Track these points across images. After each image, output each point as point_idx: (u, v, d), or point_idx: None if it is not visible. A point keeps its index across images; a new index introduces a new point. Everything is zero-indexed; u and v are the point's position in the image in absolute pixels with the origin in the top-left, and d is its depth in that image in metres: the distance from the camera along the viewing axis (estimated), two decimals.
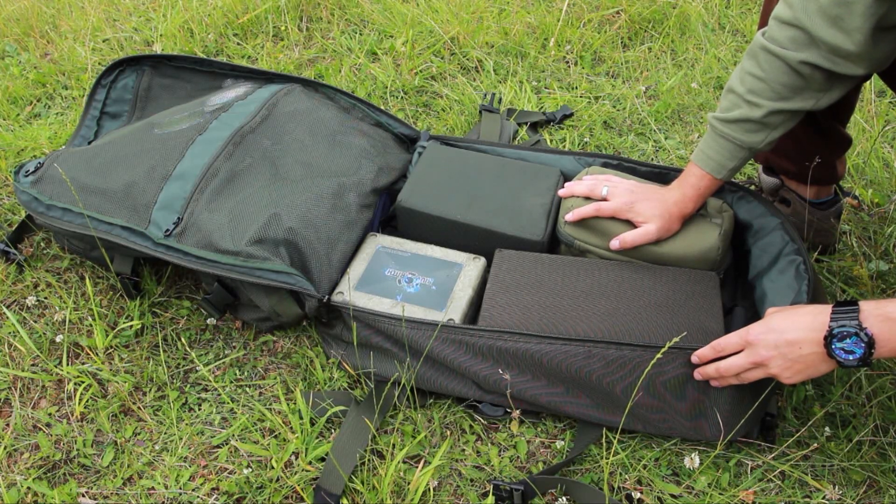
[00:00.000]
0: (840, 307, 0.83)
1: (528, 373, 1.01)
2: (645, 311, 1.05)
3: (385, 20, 1.88)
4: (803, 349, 0.84)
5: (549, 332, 1.03)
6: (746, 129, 1.01)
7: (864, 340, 0.80)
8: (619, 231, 1.12)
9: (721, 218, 1.13)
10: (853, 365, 0.81)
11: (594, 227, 1.14)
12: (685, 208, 1.09)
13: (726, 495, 0.97)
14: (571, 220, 1.13)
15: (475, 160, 1.29)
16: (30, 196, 1.19)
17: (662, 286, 1.08)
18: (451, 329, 1.02)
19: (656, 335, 1.01)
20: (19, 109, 1.65)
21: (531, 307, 1.06)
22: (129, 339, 1.18)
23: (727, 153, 1.04)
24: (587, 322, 1.04)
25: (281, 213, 1.11)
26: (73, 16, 1.92)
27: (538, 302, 1.07)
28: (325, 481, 0.97)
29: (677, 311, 1.04)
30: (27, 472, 1.01)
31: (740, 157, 1.04)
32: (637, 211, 1.10)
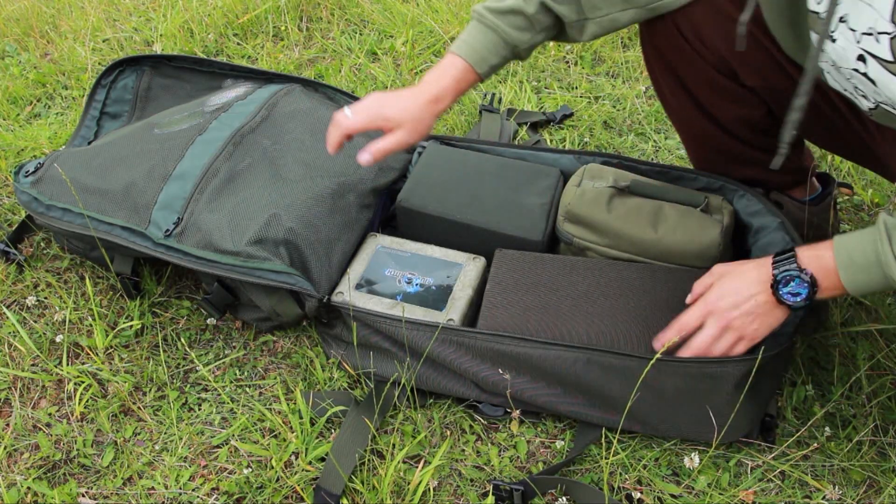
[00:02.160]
0: (779, 255, 0.90)
1: (528, 374, 1.01)
2: (646, 312, 1.05)
3: (385, 20, 1.88)
4: (758, 299, 0.91)
5: (549, 332, 1.03)
6: (516, 23, 1.00)
7: (807, 281, 0.87)
8: (616, 229, 1.12)
9: (722, 214, 1.14)
10: (802, 306, 0.88)
11: (593, 224, 1.14)
12: (442, 104, 1.02)
13: (726, 495, 0.97)
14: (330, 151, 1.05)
15: (475, 160, 1.29)
16: (30, 196, 1.19)
17: (663, 285, 1.08)
18: (450, 331, 1.02)
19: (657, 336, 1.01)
20: (19, 109, 1.65)
21: (531, 307, 1.06)
22: (129, 339, 1.18)
23: (492, 46, 1.01)
24: (587, 323, 1.04)
25: (281, 214, 1.11)
26: (73, 16, 1.92)
27: (538, 302, 1.07)
28: (325, 481, 0.97)
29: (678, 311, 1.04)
30: (27, 472, 1.01)
31: (502, 56, 1.02)
32: (387, 117, 1.01)
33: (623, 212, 1.14)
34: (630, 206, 1.15)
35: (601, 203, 1.14)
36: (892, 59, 0.76)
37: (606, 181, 1.18)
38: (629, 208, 1.15)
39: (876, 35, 0.75)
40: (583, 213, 1.14)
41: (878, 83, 0.80)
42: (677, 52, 1.05)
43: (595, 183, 1.17)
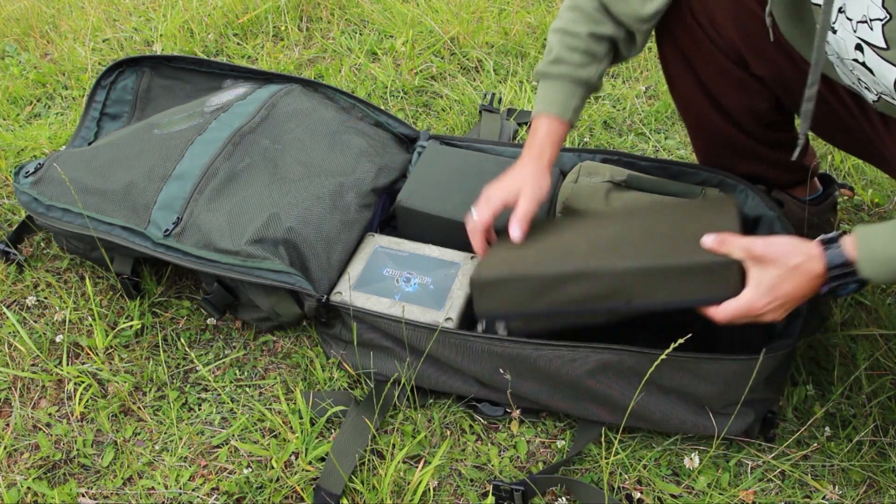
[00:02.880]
0: (835, 269, 0.83)
1: (527, 373, 1.01)
2: (655, 239, 0.96)
3: (385, 20, 1.88)
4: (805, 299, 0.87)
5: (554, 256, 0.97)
6: (576, 61, 1.02)
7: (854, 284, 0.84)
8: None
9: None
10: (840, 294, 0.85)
11: None
12: (546, 156, 1.05)
13: (726, 495, 0.97)
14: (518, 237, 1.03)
15: (475, 160, 1.29)
16: (30, 197, 1.19)
17: (673, 216, 1.03)
18: (448, 333, 1.01)
19: (668, 255, 0.92)
20: (19, 109, 1.65)
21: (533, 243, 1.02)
22: (129, 339, 1.18)
23: (567, 91, 1.04)
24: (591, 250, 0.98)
25: (280, 213, 1.11)
26: (73, 16, 1.92)
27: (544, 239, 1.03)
28: (325, 481, 0.97)
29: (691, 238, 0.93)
30: (27, 472, 1.02)
31: (580, 96, 1.05)
32: (505, 195, 1.03)
33: (620, 206, 1.14)
34: (627, 200, 1.15)
35: (598, 197, 1.15)
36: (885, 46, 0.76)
37: (603, 176, 1.18)
38: (626, 202, 1.15)
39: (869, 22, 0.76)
40: (580, 207, 1.15)
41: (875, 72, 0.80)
42: (690, 38, 1.05)
43: (591, 178, 1.19)
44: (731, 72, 1.05)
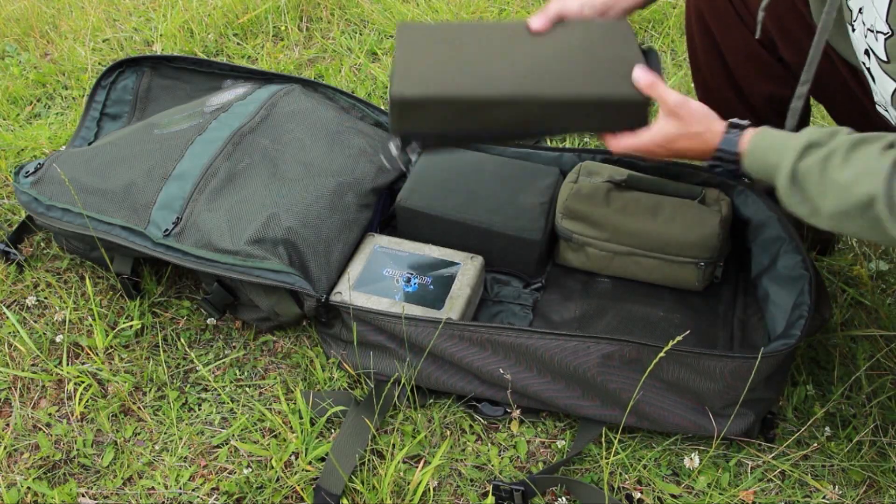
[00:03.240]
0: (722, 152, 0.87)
1: (529, 367, 1.01)
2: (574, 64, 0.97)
3: (385, 20, 1.88)
4: (690, 157, 0.93)
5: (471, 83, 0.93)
6: None
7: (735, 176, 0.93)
8: (615, 222, 1.14)
9: (719, 205, 1.15)
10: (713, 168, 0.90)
11: (592, 219, 1.15)
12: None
13: (726, 495, 0.97)
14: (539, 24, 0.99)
15: (474, 160, 1.29)
16: (29, 197, 1.19)
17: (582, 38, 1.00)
18: (450, 326, 1.02)
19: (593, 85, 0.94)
20: (19, 109, 1.65)
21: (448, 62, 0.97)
22: (129, 339, 1.18)
23: None
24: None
25: (280, 213, 1.11)
26: (73, 16, 1.92)
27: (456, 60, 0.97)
28: (325, 481, 0.97)
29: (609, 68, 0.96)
30: (27, 472, 1.02)
31: None
32: None
33: (621, 205, 1.15)
34: (628, 200, 1.15)
35: (599, 198, 1.15)
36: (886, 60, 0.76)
37: (603, 176, 1.19)
38: (627, 202, 1.15)
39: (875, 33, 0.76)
40: (581, 208, 1.15)
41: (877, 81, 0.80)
42: (719, 16, 1.04)
43: (592, 178, 1.19)
44: (759, 55, 1.04)
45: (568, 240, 1.18)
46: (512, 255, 1.20)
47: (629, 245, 1.15)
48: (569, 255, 1.22)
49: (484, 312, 1.18)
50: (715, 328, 1.13)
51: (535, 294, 1.20)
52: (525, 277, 1.22)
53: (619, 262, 1.18)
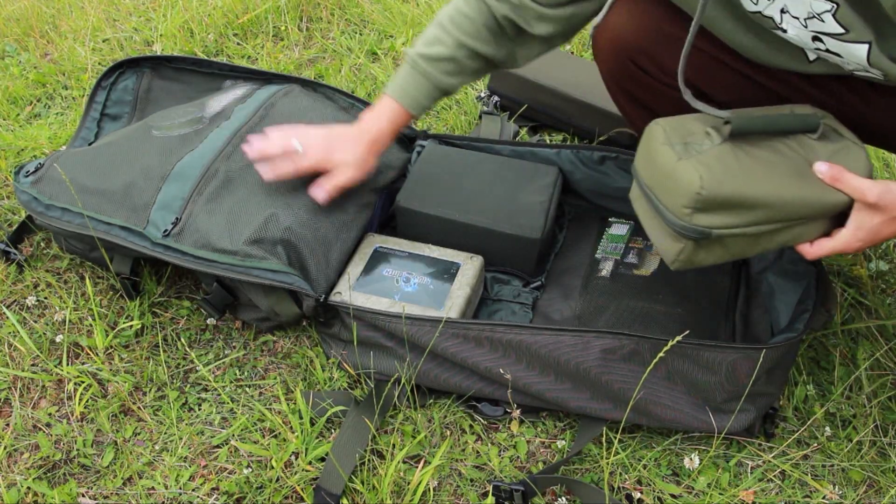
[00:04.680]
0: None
1: (530, 365, 1.01)
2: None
3: (385, 20, 1.88)
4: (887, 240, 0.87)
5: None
6: (447, 70, 1.07)
7: None
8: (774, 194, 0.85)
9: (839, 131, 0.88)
10: None
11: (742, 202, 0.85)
12: (380, 145, 1.12)
13: (726, 495, 0.97)
14: (270, 178, 1.11)
15: (473, 159, 1.29)
16: (29, 196, 1.19)
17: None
18: (450, 324, 1.02)
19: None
20: (19, 109, 1.65)
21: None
22: (129, 339, 1.18)
23: (425, 91, 1.08)
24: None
25: (279, 213, 1.11)
26: (73, 16, 1.92)
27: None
28: (325, 481, 0.97)
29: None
30: (27, 472, 1.02)
31: (434, 98, 1.09)
32: (334, 161, 1.10)
33: (762, 170, 0.84)
34: (761, 159, 0.85)
35: (736, 168, 0.84)
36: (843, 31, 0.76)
37: (710, 135, 0.87)
38: (764, 162, 0.85)
39: (818, 16, 0.76)
40: (726, 191, 0.83)
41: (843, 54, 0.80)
42: (642, 87, 1.06)
43: (702, 144, 0.86)
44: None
45: (704, 238, 0.86)
46: (511, 255, 1.20)
47: (787, 219, 0.86)
48: (699, 255, 0.89)
49: (483, 311, 1.18)
50: (716, 322, 1.13)
51: (535, 293, 1.20)
52: (525, 276, 1.22)
53: (767, 239, 0.89)
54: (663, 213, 0.88)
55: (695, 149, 0.85)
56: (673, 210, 0.86)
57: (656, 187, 0.89)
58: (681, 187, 0.84)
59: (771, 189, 0.83)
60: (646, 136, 0.91)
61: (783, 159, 0.85)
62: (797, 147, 0.86)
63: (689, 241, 0.87)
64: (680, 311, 1.14)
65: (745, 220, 0.85)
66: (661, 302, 1.15)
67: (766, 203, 0.84)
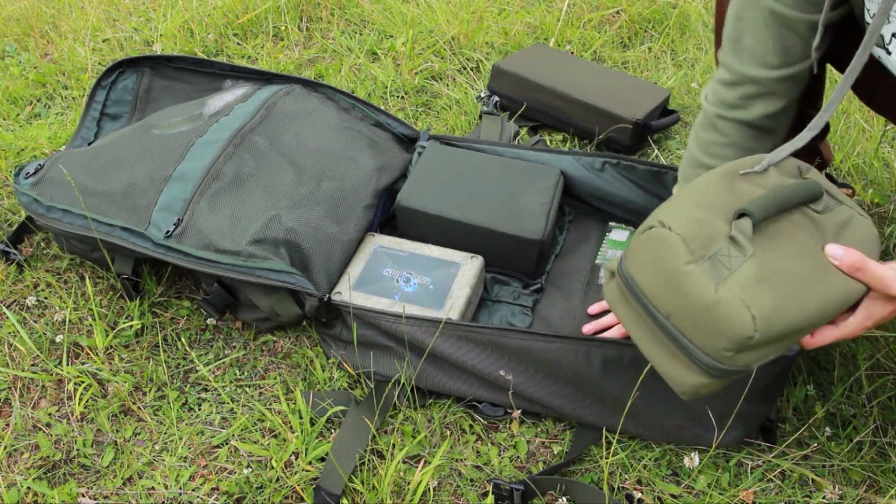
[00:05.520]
0: None
1: (530, 370, 1.01)
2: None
3: (385, 20, 1.88)
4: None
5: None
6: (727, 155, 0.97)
7: None
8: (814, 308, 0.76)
9: (838, 200, 0.80)
10: None
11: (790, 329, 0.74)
12: None
13: (726, 495, 0.97)
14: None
15: (475, 160, 1.29)
16: (30, 198, 1.19)
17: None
18: (451, 326, 1.02)
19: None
20: (19, 109, 1.65)
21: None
22: (129, 339, 1.18)
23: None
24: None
25: (281, 214, 1.11)
26: (73, 16, 1.92)
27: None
28: (325, 481, 0.97)
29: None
30: (27, 472, 1.02)
31: None
32: None
33: (795, 282, 0.71)
34: (786, 265, 0.72)
35: (780, 293, 0.70)
36: None
37: (736, 243, 0.72)
38: (791, 269, 0.72)
39: None
40: (780, 329, 0.70)
41: None
42: None
43: (729, 258, 0.71)
44: None
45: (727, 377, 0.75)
46: (512, 255, 1.20)
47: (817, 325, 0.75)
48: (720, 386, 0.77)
49: (483, 313, 1.18)
50: None
51: (535, 295, 1.20)
52: (524, 278, 1.22)
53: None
54: (688, 349, 0.73)
55: (723, 266, 0.70)
56: (708, 350, 0.72)
57: (680, 318, 0.73)
58: (725, 329, 0.69)
59: (811, 309, 0.71)
60: (655, 244, 0.73)
61: (804, 255, 0.73)
62: (808, 226, 0.75)
63: (716, 380, 0.74)
64: None
65: (784, 345, 0.73)
66: None
67: (810, 325, 0.72)
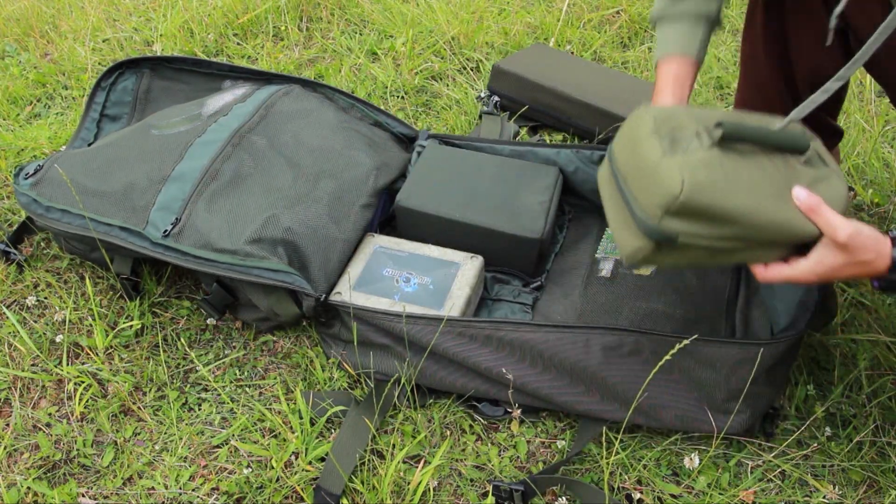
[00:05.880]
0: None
1: (531, 363, 1.01)
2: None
3: (385, 20, 1.88)
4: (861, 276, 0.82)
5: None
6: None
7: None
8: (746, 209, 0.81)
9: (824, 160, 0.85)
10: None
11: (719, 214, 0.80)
12: (672, 100, 1.00)
13: (726, 495, 0.97)
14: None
15: (474, 159, 1.29)
16: (29, 198, 1.19)
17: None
18: (451, 322, 1.02)
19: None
20: (19, 109, 1.65)
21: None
22: (129, 339, 1.18)
23: (687, 29, 0.98)
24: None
25: (279, 214, 1.11)
26: (73, 16, 1.92)
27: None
28: (325, 481, 0.97)
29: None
30: (27, 472, 1.02)
31: (702, 31, 0.99)
32: None
33: (744, 185, 0.79)
34: (744, 173, 0.80)
35: (719, 178, 0.78)
36: None
37: (700, 136, 0.81)
38: (746, 176, 0.80)
39: None
40: (705, 201, 0.78)
41: None
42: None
43: (690, 143, 0.80)
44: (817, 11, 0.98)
45: (670, 242, 0.81)
46: (512, 255, 1.20)
47: (753, 240, 0.81)
48: (656, 258, 0.85)
49: (483, 312, 1.18)
50: (716, 322, 1.13)
51: (535, 293, 1.20)
52: (525, 277, 1.22)
53: (726, 255, 0.84)
54: (632, 207, 0.83)
55: (682, 147, 0.80)
56: (644, 207, 0.81)
57: (632, 178, 0.84)
58: (660, 187, 0.78)
59: (748, 207, 0.79)
60: (632, 121, 0.85)
61: (766, 177, 0.80)
62: (782, 166, 0.82)
63: (650, 242, 0.83)
64: (680, 310, 1.14)
65: (713, 232, 0.80)
66: (661, 301, 1.15)
67: (740, 220, 0.79)
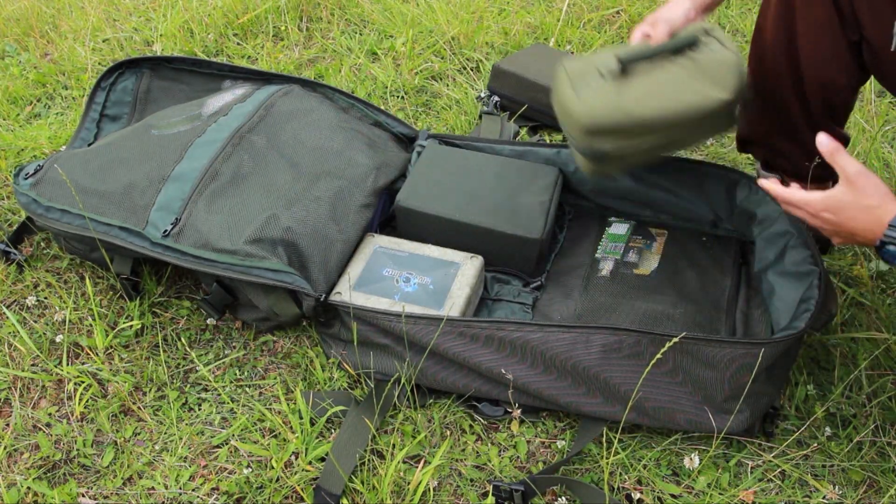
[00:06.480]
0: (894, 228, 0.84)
1: (528, 361, 1.01)
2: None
3: (385, 20, 1.88)
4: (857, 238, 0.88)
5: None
6: None
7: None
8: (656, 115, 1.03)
9: (710, 37, 1.06)
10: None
11: (632, 126, 1.04)
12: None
13: (726, 495, 0.97)
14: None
15: (474, 159, 1.29)
16: (29, 198, 1.19)
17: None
18: (451, 322, 1.02)
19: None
20: (19, 109, 1.65)
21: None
22: (129, 339, 1.18)
23: None
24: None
25: (279, 214, 1.11)
26: (73, 16, 1.92)
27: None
28: (325, 481, 0.97)
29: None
30: (27, 472, 1.02)
31: None
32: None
33: (642, 93, 1.01)
34: (642, 86, 1.02)
35: (613, 102, 1.01)
36: None
37: (602, 75, 1.03)
38: (645, 88, 1.01)
39: None
40: (605, 122, 1.02)
41: None
42: None
43: (589, 83, 1.03)
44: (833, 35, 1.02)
45: (600, 159, 1.07)
46: (512, 255, 1.20)
47: (679, 128, 1.02)
48: (603, 168, 1.10)
49: (483, 312, 1.18)
50: (717, 321, 1.13)
51: (535, 293, 1.20)
52: (525, 277, 1.22)
53: (661, 150, 1.08)
54: (568, 139, 1.09)
55: (585, 84, 1.02)
56: (575, 137, 1.06)
57: (561, 118, 1.09)
58: (575, 120, 1.03)
59: (655, 109, 0.99)
60: (555, 77, 1.09)
61: (669, 78, 1.00)
62: (686, 63, 1.01)
63: (590, 161, 1.08)
64: (680, 309, 1.14)
65: (634, 140, 1.02)
66: (661, 301, 1.15)
67: (652, 122, 1.00)
